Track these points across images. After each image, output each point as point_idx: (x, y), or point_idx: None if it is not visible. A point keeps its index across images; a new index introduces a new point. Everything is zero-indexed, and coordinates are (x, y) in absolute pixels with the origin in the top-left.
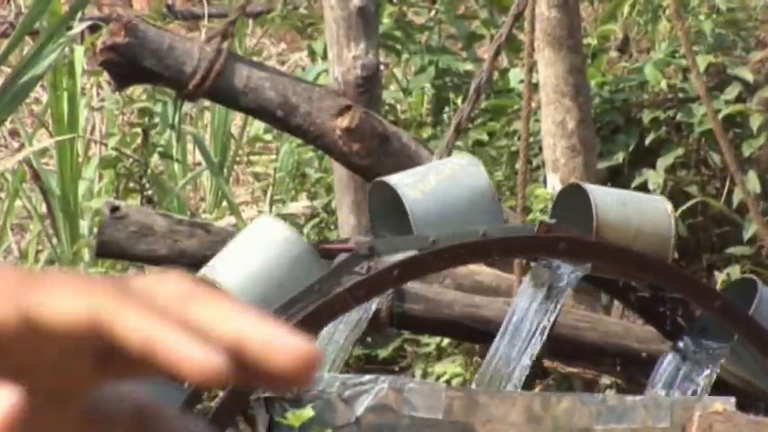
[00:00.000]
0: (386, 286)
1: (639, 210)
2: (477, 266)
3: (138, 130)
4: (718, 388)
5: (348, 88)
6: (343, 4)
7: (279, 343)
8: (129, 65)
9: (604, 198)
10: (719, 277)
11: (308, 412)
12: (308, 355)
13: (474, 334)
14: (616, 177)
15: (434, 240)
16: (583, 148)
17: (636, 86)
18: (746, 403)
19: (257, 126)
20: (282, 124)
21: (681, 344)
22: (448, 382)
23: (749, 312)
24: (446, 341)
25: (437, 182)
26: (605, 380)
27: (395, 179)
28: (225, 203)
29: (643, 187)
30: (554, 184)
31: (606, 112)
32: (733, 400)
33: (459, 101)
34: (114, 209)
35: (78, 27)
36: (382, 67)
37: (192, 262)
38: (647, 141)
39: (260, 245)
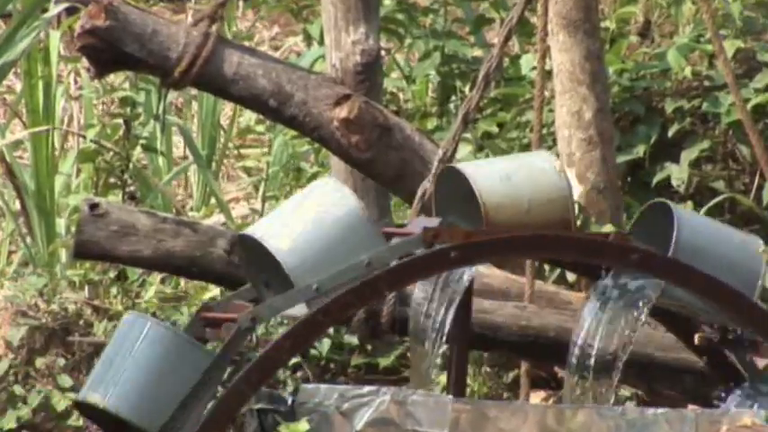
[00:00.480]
0: (280, 363)
1: (527, 178)
2: (486, 268)
3: (120, 120)
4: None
5: (347, 76)
6: None
7: None
8: (109, 50)
9: (486, 178)
10: None
11: (303, 426)
12: None
13: (483, 341)
14: (636, 171)
15: (317, 287)
16: (600, 141)
17: (658, 74)
18: (689, 327)
19: (248, 117)
20: (276, 115)
21: (600, 289)
22: None
23: (668, 254)
24: None
25: (304, 222)
26: (625, 391)
27: (260, 230)
28: (213, 200)
29: (665, 183)
30: (569, 179)
31: (626, 101)
32: (763, 413)
33: (466, 89)
34: (94, 206)
35: (54, 9)
36: (383, 53)
37: (178, 263)
38: (670, 133)
39: (136, 352)
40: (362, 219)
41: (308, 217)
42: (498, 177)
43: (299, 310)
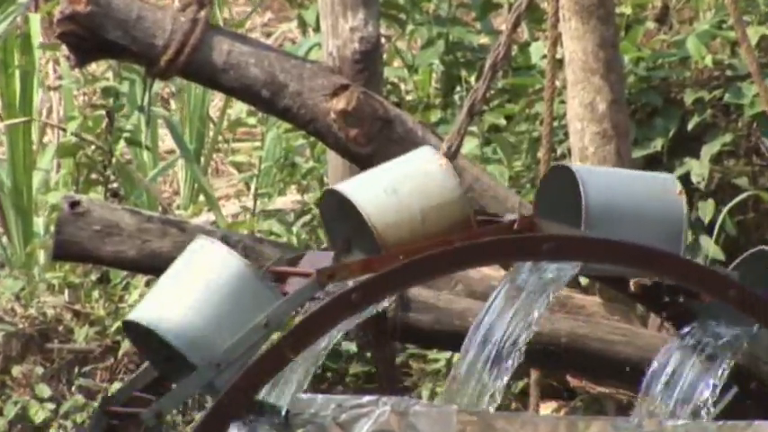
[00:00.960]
0: None
1: (414, 188)
2: (493, 270)
3: (102, 112)
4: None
5: (344, 65)
6: None
7: None
8: (91, 37)
9: (371, 200)
10: None
11: None
12: None
13: None
14: (654, 167)
15: (219, 363)
16: (615, 134)
17: (677, 63)
18: (621, 283)
19: (239, 108)
20: (268, 106)
21: (511, 275)
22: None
23: (581, 229)
24: (457, 357)
25: (188, 295)
26: None
27: (146, 315)
28: (202, 197)
29: (685, 179)
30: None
31: (642, 92)
32: None
33: (472, 79)
34: (74, 204)
35: None
36: (384, 41)
37: (164, 265)
38: (690, 126)
39: None
40: (250, 276)
41: (193, 288)
42: (384, 193)
43: None
